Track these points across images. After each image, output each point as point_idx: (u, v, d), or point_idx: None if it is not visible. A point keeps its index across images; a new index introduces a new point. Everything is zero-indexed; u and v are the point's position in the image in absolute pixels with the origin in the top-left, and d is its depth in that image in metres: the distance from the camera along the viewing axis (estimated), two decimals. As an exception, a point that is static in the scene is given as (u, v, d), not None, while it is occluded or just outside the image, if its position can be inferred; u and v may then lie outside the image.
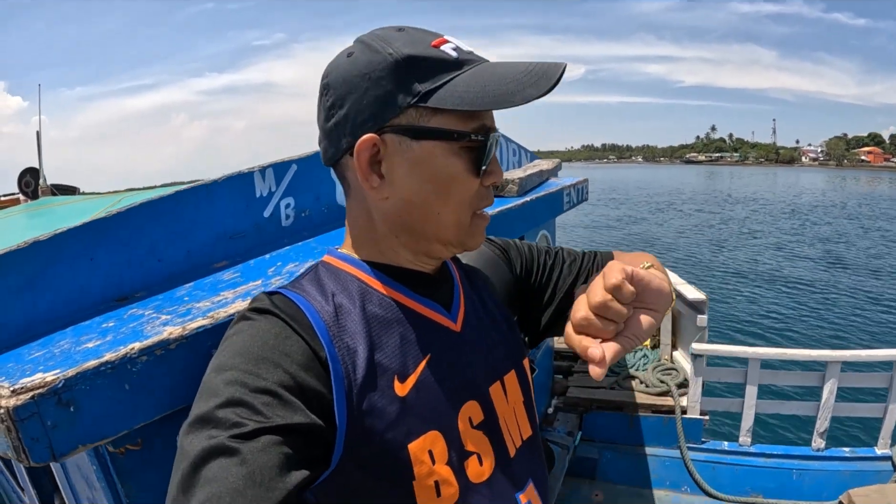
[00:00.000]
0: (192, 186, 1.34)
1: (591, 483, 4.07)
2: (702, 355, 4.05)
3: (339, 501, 0.75)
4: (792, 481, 3.90)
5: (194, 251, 1.33)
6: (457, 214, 0.83)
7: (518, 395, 0.97)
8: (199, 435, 0.64)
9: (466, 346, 0.90)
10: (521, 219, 2.55)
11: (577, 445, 4.20)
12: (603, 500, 3.87)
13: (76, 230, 1.08)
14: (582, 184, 3.80)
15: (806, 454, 3.99)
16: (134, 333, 0.96)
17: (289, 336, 0.74)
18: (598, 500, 3.85)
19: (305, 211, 1.72)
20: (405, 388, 0.79)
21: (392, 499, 0.78)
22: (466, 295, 0.96)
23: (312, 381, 0.72)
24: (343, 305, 0.81)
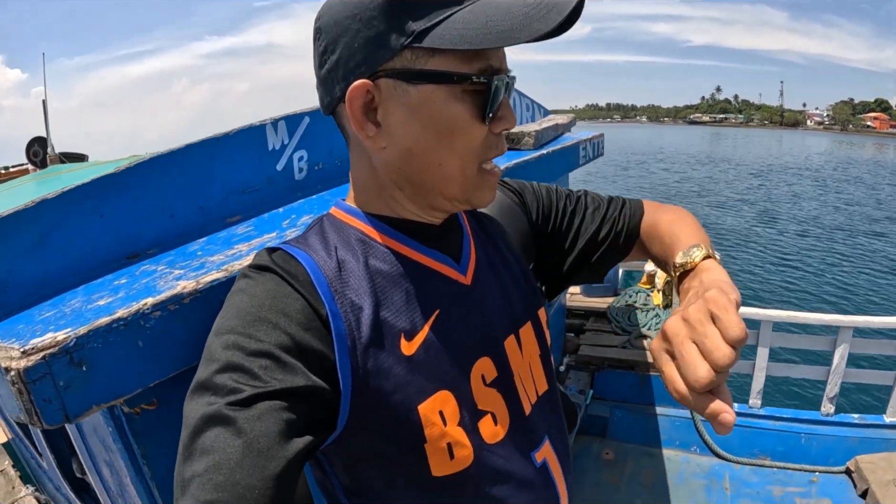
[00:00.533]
0: (203, 140, 1.28)
1: (602, 441, 4.07)
2: (714, 315, 4.00)
3: (348, 464, 0.72)
4: (800, 445, 3.89)
5: (207, 206, 1.29)
6: (461, 165, 0.76)
7: (534, 348, 0.93)
8: (198, 401, 0.62)
9: (478, 299, 0.86)
10: (536, 172, 2.49)
11: (589, 404, 4.20)
12: (613, 458, 3.88)
13: (85, 187, 1.03)
14: (597, 138, 3.72)
15: (815, 419, 3.96)
16: (146, 289, 0.92)
17: (287, 294, 0.71)
18: (608, 459, 3.86)
19: (319, 164, 1.67)
20: (412, 346, 0.75)
21: (404, 462, 0.75)
22: (477, 245, 0.91)
23: (313, 340, 0.69)
24: (346, 260, 0.77)
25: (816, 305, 9.03)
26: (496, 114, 0.75)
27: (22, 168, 7.35)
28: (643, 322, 5.00)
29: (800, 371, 4.23)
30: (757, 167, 32.74)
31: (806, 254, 12.81)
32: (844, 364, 3.88)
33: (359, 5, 0.70)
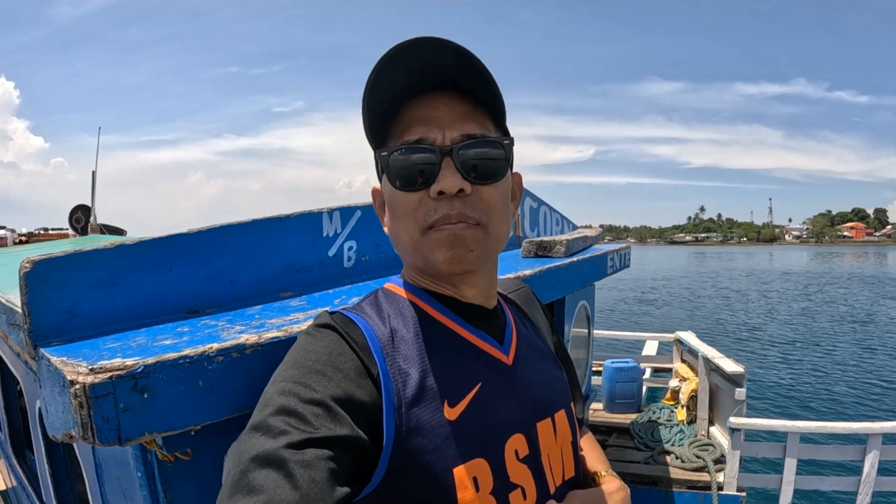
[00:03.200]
0: (268, 217, 1.33)
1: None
2: (739, 429, 3.86)
3: None
4: (835, 562, 3.60)
5: (263, 277, 1.31)
6: (407, 232, 0.80)
7: (567, 435, 0.92)
8: (251, 441, 0.63)
9: (517, 379, 0.86)
10: (567, 277, 2.53)
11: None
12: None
13: (159, 241, 1.07)
14: (624, 250, 3.76)
15: None
16: (210, 337, 0.92)
17: (344, 352, 0.74)
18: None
19: (366, 255, 1.71)
20: (455, 412, 0.76)
21: None
22: (518, 332, 0.93)
23: (363, 395, 0.70)
24: (398, 329, 0.79)
25: (842, 414, 8.61)
26: (436, 179, 0.76)
27: (62, 232, 7.62)
28: (667, 438, 4.79)
29: (830, 483, 3.98)
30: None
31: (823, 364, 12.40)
32: (875, 472, 3.67)
33: None
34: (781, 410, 8.92)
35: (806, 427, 3.86)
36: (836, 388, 10.32)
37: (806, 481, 3.86)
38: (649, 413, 5.37)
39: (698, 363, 5.01)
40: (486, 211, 0.79)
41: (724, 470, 3.96)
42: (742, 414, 4.06)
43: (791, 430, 3.80)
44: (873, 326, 18.13)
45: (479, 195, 0.78)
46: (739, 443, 3.86)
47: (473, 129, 0.79)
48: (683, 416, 5.12)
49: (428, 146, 0.77)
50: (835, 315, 20.33)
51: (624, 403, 5.57)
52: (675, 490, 4.04)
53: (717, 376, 4.65)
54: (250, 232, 1.28)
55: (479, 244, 0.78)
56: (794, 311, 21.87)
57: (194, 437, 0.89)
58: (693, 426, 4.91)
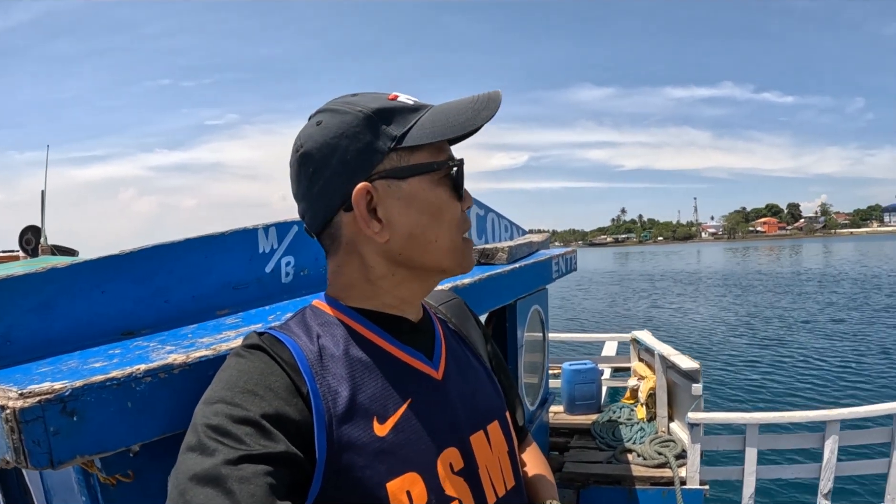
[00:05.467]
0: (202, 236, 1.38)
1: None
2: (698, 424, 3.99)
3: None
4: (800, 546, 3.75)
5: (199, 296, 1.35)
6: (451, 238, 0.88)
7: (503, 446, 0.97)
8: (187, 462, 0.66)
9: (447, 393, 0.91)
10: (510, 284, 2.61)
11: (577, 521, 4.06)
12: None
13: (92, 263, 1.11)
14: (570, 254, 3.85)
15: None
16: (139, 358, 0.96)
17: (273, 371, 0.77)
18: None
19: (304, 270, 1.75)
20: (385, 428, 0.79)
21: None
22: (448, 345, 0.98)
23: (294, 414, 0.74)
24: (327, 347, 0.83)
25: (801, 404, 8.89)
26: (463, 193, 0.90)
27: (13, 254, 7.40)
28: (627, 436, 4.92)
29: (791, 471, 4.15)
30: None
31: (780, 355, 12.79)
32: (835, 458, 3.84)
33: (341, 125, 0.84)
34: (739, 404, 9.15)
35: (764, 418, 4.01)
36: (792, 379, 10.66)
37: (768, 471, 4.03)
38: (609, 413, 5.51)
39: (655, 361, 5.14)
40: None
41: (686, 465, 4.10)
42: (700, 409, 4.19)
43: (749, 422, 3.95)
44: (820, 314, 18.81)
45: None
46: (699, 437, 4.00)
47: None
48: (643, 414, 5.26)
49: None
50: (776, 308, 21.02)
51: (584, 405, 5.71)
52: (638, 487, 4.16)
53: (673, 373, 4.79)
54: (185, 251, 1.32)
55: None
56: (729, 306, 22.55)
57: (134, 459, 0.92)
58: (653, 423, 5.05)
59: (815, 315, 18.62)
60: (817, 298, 22.91)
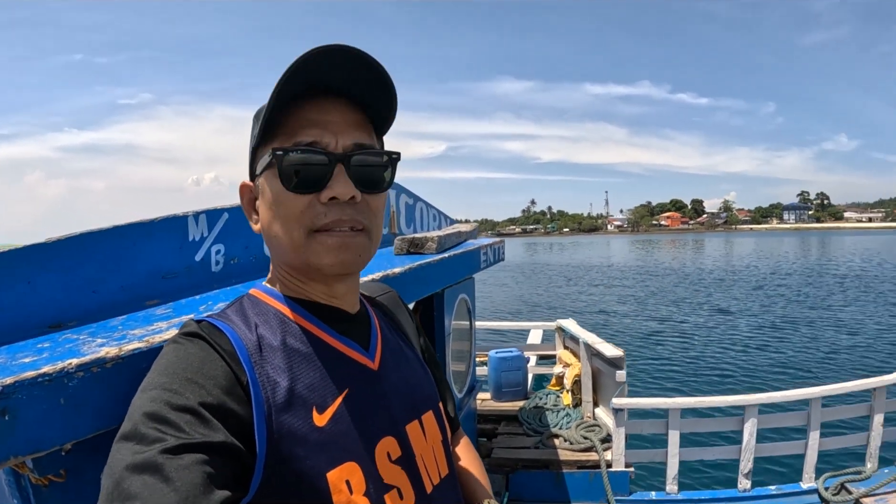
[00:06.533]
0: (131, 223, 1.33)
1: (523, 541, 4.00)
2: (623, 409, 4.14)
3: None
4: (723, 524, 3.96)
5: (128, 286, 1.31)
6: (288, 233, 0.83)
7: (437, 435, 1.00)
8: (122, 451, 0.64)
9: (383, 384, 0.92)
10: (439, 273, 2.64)
11: (507, 506, 4.14)
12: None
13: (18, 252, 1.06)
14: (498, 244, 3.92)
15: (733, 496, 4.11)
16: (70, 352, 0.93)
17: (214, 360, 0.76)
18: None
19: (234, 258, 1.72)
20: (323, 418, 0.80)
21: None
22: (384, 337, 1.00)
23: (233, 404, 0.73)
24: (265, 337, 0.83)
25: (723, 388, 9.34)
26: (328, 183, 0.82)
27: None
28: (554, 422, 5.08)
29: (713, 453, 4.38)
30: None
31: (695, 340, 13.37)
32: (754, 440, 4.08)
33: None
34: (661, 390, 9.54)
35: (685, 403, 4.23)
36: (711, 365, 11.21)
37: (690, 453, 4.25)
38: (536, 399, 5.68)
39: (580, 349, 5.29)
40: (371, 218, 0.87)
41: (612, 448, 4.27)
42: (624, 395, 4.37)
43: (672, 407, 4.15)
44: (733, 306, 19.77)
45: (367, 203, 0.86)
46: (623, 422, 4.16)
47: (364, 138, 0.86)
48: (569, 400, 5.43)
49: (322, 150, 0.82)
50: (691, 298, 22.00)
51: (511, 391, 5.86)
52: (565, 471, 4.30)
53: (598, 361, 4.97)
54: (113, 239, 1.28)
55: (364, 249, 0.86)
56: (644, 296, 23.53)
57: (66, 458, 0.89)
58: (578, 409, 5.23)
59: (731, 305, 19.64)
60: (730, 291, 24.16)
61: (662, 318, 17.12)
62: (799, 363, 11.13)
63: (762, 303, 19.99)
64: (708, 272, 33.43)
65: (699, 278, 30.03)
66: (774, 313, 17.46)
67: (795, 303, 19.64)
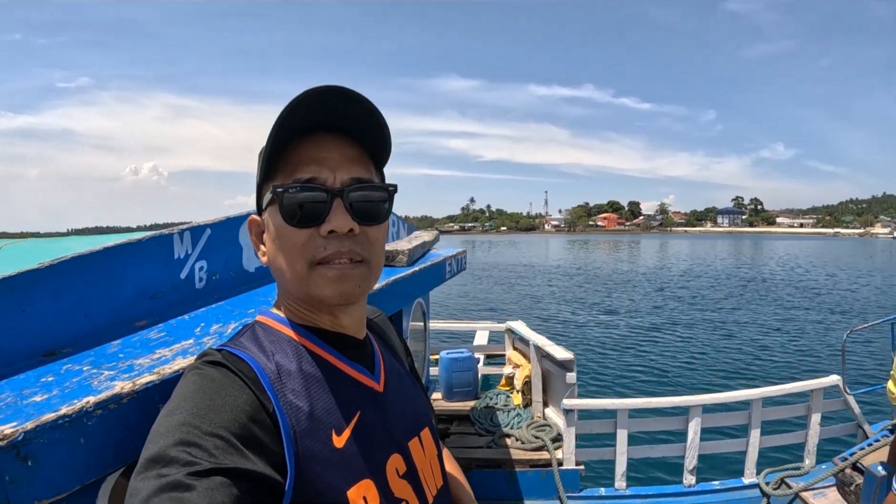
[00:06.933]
0: (119, 244, 1.29)
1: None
2: (573, 410, 4.22)
3: None
4: (669, 518, 4.13)
5: (118, 308, 1.27)
6: (291, 266, 0.86)
7: (433, 450, 1.04)
8: (151, 473, 0.63)
9: (389, 405, 0.96)
10: (409, 287, 2.64)
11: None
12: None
13: (9, 280, 1.01)
14: (461, 255, 3.95)
15: (679, 491, 4.27)
16: (81, 388, 0.90)
17: (239, 388, 0.77)
18: (485, 559, 3.82)
19: (216, 274, 1.69)
20: (341, 440, 0.83)
21: None
22: (385, 360, 1.03)
23: (259, 431, 0.74)
24: (282, 364, 0.84)
25: (670, 390, 9.61)
26: (326, 217, 0.84)
27: None
28: (505, 422, 5.15)
29: (659, 451, 4.54)
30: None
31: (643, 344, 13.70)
32: (698, 438, 4.26)
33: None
34: (609, 390, 9.77)
35: (633, 404, 4.37)
36: (658, 367, 11.51)
37: (637, 451, 4.42)
38: (487, 399, 5.76)
39: (530, 351, 5.38)
40: (370, 249, 0.88)
41: (562, 447, 4.36)
42: (574, 396, 4.46)
43: (620, 408, 4.29)
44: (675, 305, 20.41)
45: (366, 235, 0.87)
46: (574, 421, 4.27)
47: (361, 172, 0.88)
48: (519, 400, 5.51)
49: (320, 186, 0.84)
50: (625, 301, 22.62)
51: (462, 392, 5.92)
52: (518, 470, 4.37)
53: (548, 362, 5.06)
54: (102, 260, 1.24)
55: (364, 280, 0.88)
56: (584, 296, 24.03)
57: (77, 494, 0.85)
58: (529, 409, 5.32)
59: (676, 307, 20.21)
60: (671, 293, 24.95)
61: (613, 321, 17.46)
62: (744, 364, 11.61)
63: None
64: (638, 273, 34.45)
65: (626, 279, 30.90)
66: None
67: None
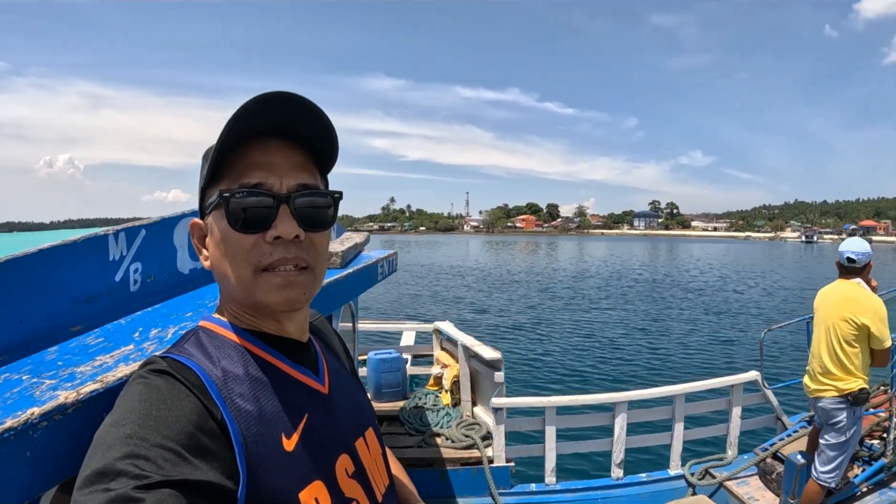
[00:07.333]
0: (54, 245, 1.22)
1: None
2: (501, 408, 4.28)
3: None
4: (600, 509, 4.25)
5: (53, 313, 1.21)
6: (236, 271, 0.84)
7: (377, 449, 1.05)
8: (98, 487, 0.61)
9: (335, 406, 0.96)
10: (344, 289, 2.62)
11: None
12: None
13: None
14: (392, 257, 3.94)
15: (607, 484, 4.42)
16: (24, 399, 0.86)
17: (185, 396, 0.75)
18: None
19: (151, 276, 1.63)
20: (291, 443, 0.82)
21: None
22: (328, 361, 1.03)
23: (209, 441, 0.72)
24: (229, 370, 0.83)
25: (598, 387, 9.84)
26: (273, 223, 0.83)
27: None
28: (434, 421, 5.18)
29: (587, 446, 4.68)
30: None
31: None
32: (625, 433, 4.42)
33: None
34: (537, 388, 9.94)
35: (560, 401, 4.48)
36: (584, 365, 11.79)
37: (566, 447, 4.55)
38: (416, 399, 5.78)
39: (458, 351, 5.42)
40: (315, 256, 0.88)
41: (492, 445, 4.44)
42: (502, 394, 4.52)
43: (548, 405, 4.39)
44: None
45: (311, 241, 0.87)
46: (503, 419, 4.35)
47: (307, 178, 0.88)
48: (448, 400, 5.55)
49: (267, 192, 0.83)
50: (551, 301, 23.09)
51: (390, 392, 5.93)
52: (449, 469, 4.41)
53: (476, 362, 5.12)
54: (37, 262, 1.17)
55: (309, 287, 0.88)
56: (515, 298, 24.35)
57: None
58: (458, 408, 5.38)
59: (600, 306, 20.81)
60: (595, 293, 25.71)
61: (535, 321, 17.72)
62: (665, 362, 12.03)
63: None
64: (557, 274, 35.27)
65: (544, 280, 31.58)
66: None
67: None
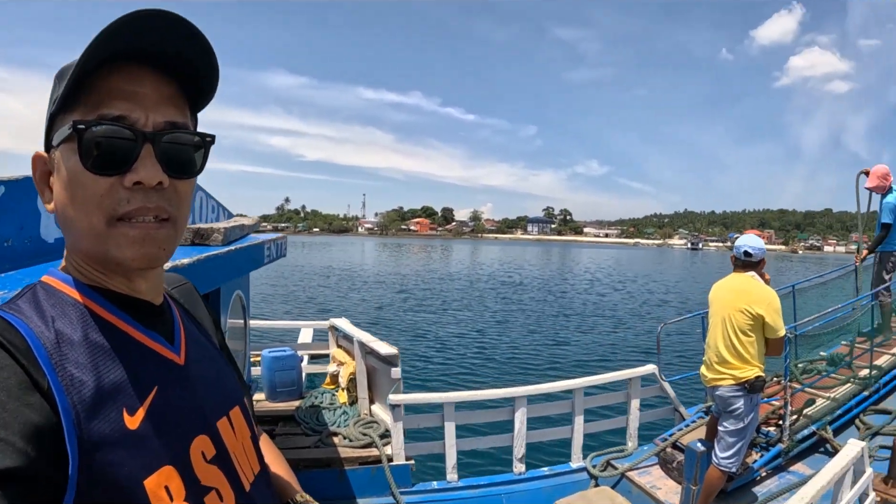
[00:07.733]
0: None
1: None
2: (399, 405, 4.19)
3: None
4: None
5: None
6: (86, 219, 0.71)
7: (245, 431, 0.93)
8: None
9: (191, 379, 0.83)
10: (224, 267, 2.50)
11: (288, 508, 3.98)
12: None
13: None
14: (281, 240, 3.81)
15: (510, 479, 4.45)
16: None
17: (7, 364, 0.63)
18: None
19: (8, 240, 1.40)
20: (135, 420, 0.70)
21: None
22: (187, 330, 0.90)
23: (33, 415, 0.61)
24: (64, 332, 0.70)
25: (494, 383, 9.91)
26: (133, 165, 0.71)
27: None
28: (332, 420, 5.04)
29: (487, 441, 4.67)
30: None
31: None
32: (525, 428, 4.44)
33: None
34: (436, 384, 9.99)
35: (459, 397, 4.46)
36: (481, 361, 11.96)
37: (466, 443, 4.54)
38: (312, 398, 5.62)
39: (354, 348, 5.29)
40: (178, 206, 0.76)
41: (391, 443, 4.34)
42: (400, 391, 4.45)
43: (446, 401, 4.36)
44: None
45: (175, 189, 0.75)
46: (401, 417, 4.28)
47: (176, 116, 0.75)
48: (345, 398, 5.43)
49: (129, 127, 0.71)
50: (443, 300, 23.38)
51: (285, 391, 5.74)
52: (348, 468, 4.28)
53: (373, 359, 5.03)
54: None
55: (169, 241, 0.75)
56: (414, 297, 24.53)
57: None
58: (355, 407, 5.26)
59: (497, 305, 21.28)
60: (489, 293, 26.32)
61: (433, 317, 17.82)
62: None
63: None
64: (450, 275, 35.92)
65: (438, 280, 31.96)
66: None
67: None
